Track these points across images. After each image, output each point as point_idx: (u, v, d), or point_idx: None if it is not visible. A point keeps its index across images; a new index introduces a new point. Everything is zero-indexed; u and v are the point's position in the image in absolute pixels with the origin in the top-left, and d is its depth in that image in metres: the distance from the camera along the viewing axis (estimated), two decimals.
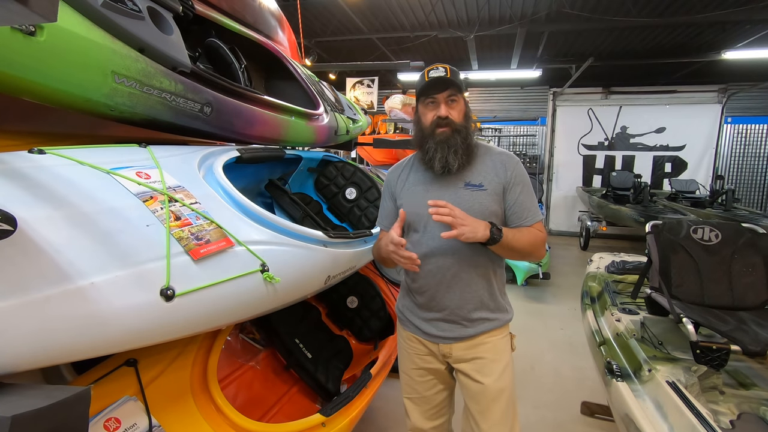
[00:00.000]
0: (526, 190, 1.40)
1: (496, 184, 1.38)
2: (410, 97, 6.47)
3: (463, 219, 1.23)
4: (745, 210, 5.86)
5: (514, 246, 1.32)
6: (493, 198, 1.38)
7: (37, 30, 0.89)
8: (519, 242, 1.33)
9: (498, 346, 1.43)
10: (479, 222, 1.26)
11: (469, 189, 1.38)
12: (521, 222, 1.39)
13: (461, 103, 1.39)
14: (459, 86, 1.36)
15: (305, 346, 2.07)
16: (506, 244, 1.30)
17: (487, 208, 1.36)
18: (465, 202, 1.35)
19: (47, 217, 0.78)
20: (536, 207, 1.41)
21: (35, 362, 0.71)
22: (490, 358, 1.41)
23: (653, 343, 1.90)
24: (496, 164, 1.41)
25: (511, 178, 1.39)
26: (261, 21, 2.16)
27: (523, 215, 1.39)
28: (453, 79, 1.34)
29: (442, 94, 1.35)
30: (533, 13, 5.94)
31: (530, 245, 1.36)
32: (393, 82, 9.72)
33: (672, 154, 8.49)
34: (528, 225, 1.38)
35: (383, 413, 2.59)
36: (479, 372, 1.41)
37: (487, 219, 1.32)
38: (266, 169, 2.12)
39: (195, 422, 1.17)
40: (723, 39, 6.64)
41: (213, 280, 0.97)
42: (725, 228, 2.07)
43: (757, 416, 1.51)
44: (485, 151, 1.44)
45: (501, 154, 1.44)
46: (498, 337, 1.43)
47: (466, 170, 1.40)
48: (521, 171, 1.42)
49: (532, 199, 1.41)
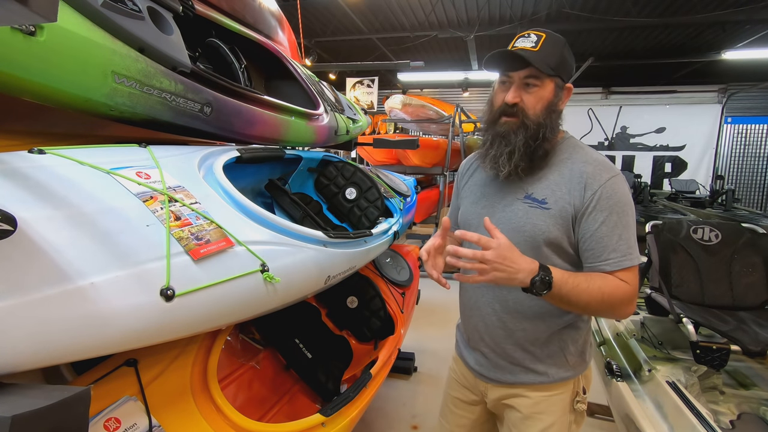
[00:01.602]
0: (613, 220, 1.00)
1: (565, 205, 1.03)
2: (410, 97, 6.47)
3: (500, 261, 0.90)
4: (745, 210, 5.86)
5: (572, 300, 0.97)
6: (557, 222, 1.03)
7: (37, 30, 0.89)
8: (581, 296, 0.96)
9: (542, 404, 1.14)
10: (522, 263, 0.92)
11: (528, 203, 1.06)
12: (596, 264, 1.01)
13: (545, 89, 1.04)
14: (549, 65, 1.01)
15: (305, 346, 2.07)
16: (559, 296, 0.96)
17: (542, 234, 1.04)
18: (517, 220, 1.06)
19: (47, 217, 0.78)
20: (628, 247, 1.00)
21: (35, 362, 0.71)
22: (525, 414, 1.15)
23: (653, 343, 1.90)
24: (573, 177, 1.04)
25: (590, 201, 1.01)
26: (261, 21, 2.16)
27: (600, 255, 1.00)
28: (539, 55, 1.00)
29: (519, 72, 1.03)
30: (533, 13, 5.94)
31: (600, 302, 0.97)
32: (393, 82, 9.72)
33: (672, 154, 8.50)
34: (608, 270, 1.00)
35: (383, 413, 2.59)
36: (514, 425, 1.18)
37: (539, 248, 1.04)
38: (266, 169, 2.11)
39: (195, 422, 1.17)
40: (723, 39, 6.64)
41: (213, 280, 0.97)
42: (725, 228, 2.07)
43: (757, 416, 1.51)
44: (568, 157, 1.08)
45: (586, 164, 1.04)
46: (545, 393, 1.14)
47: (535, 177, 1.08)
48: (611, 193, 1.00)
49: (623, 235, 1.00)
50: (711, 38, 6.68)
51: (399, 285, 2.68)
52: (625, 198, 1.02)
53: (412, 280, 2.84)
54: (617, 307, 1.01)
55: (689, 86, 8.32)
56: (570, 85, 1.09)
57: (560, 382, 1.15)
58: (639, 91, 8.60)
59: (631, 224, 1.02)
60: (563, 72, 1.05)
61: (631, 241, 1.01)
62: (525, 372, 1.15)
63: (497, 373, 1.18)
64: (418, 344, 3.48)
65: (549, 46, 1.02)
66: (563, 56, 1.05)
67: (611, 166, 1.06)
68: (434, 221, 6.16)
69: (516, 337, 1.13)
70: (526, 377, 1.14)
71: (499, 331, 1.15)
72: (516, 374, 1.15)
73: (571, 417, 1.17)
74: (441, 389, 1.41)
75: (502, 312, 1.13)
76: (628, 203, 1.03)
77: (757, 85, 8.05)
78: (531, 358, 1.14)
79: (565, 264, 1.07)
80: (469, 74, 8.30)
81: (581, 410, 1.18)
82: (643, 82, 8.69)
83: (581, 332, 1.16)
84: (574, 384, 1.16)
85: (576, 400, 1.17)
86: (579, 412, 1.18)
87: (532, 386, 1.15)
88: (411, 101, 6.27)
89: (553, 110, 1.06)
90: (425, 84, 9.88)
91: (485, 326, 1.17)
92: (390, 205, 2.36)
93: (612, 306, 1.00)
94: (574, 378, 1.16)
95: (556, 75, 1.04)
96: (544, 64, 1.01)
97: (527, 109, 1.04)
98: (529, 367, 1.14)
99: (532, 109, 1.04)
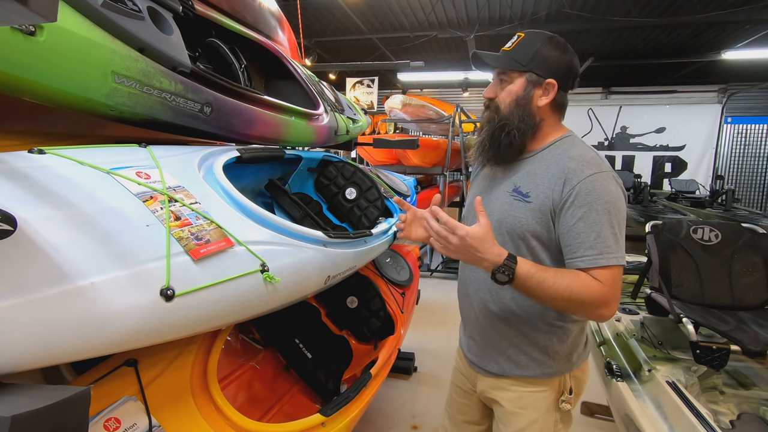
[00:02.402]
0: (591, 217, 0.98)
1: (544, 199, 1.04)
2: (410, 97, 6.47)
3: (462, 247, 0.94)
4: (745, 210, 5.86)
5: (538, 294, 0.97)
6: (536, 216, 1.05)
7: (37, 30, 0.89)
8: (547, 291, 0.96)
9: (524, 399, 1.15)
10: (488, 253, 0.94)
11: (513, 196, 1.10)
12: (572, 260, 1.00)
13: (515, 84, 1.09)
14: (518, 62, 1.07)
15: (305, 346, 2.07)
16: (524, 289, 0.97)
17: (521, 227, 1.06)
18: (501, 212, 1.10)
19: (47, 217, 0.78)
20: (606, 246, 0.97)
21: (35, 362, 0.71)
22: (509, 410, 1.16)
23: (653, 343, 1.90)
24: (556, 172, 1.05)
25: (568, 197, 1.00)
26: (261, 21, 2.16)
27: (575, 251, 0.99)
28: (508, 54, 1.07)
29: (496, 70, 1.13)
30: (533, 13, 5.94)
31: (567, 300, 0.96)
32: (393, 82, 9.72)
33: (672, 154, 8.51)
34: (581, 267, 0.98)
35: (383, 413, 2.59)
36: (500, 420, 1.20)
37: (520, 240, 1.07)
38: (266, 169, 2.11)
39: (195, 422, 1.17)
40: (723, 39, 6.65)
41: (213, 280, 0.97)
42: (725, 228, 2.07)
43: (757, 416, 1.51)
44: (560, 153, 1.09)
45: (571, 160, 1.04)
46: (529, 389, 1.15)
47: (523, 170, 1.11)
48: (591, 189, 0.99)
49: (601, 233, 0.98)
50: (711, 38, 6.68)
51: (399, 285, 2.69)
52: (607, 196, 0.99)
53: (412, 280, 2.84)
54: (588, 307, 0.98)
55: (689, 86, 8.32)
56: (551, 80, 1.08)
57: (544, 379, 1.14)
58: (639, 91, 8.60)
59: (614, 223, 1.00)
60: (538, 67, 1.07)
61: (609, 240, 0.98)
62: (508, 362, 1.16)
63: (484, 362, 1.21)
64: (418, 344, 3.48)
65: (524, 43, 1.08)
66: (539, 52, 1.07)
67: (598, 164, 1.04)
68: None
69: (500, 325, 1.15)
70: (509, 368, 1.16)
71: (485, 319, 1.18)
72: (500, 364, 1.17)
73: (556, 416, 1.16)
74: (441, 389, 1.42)
75: (489, 300, 1.16)
76: (610, 201, 1.00)
77: (757, 85, 8.05)
78: (514, 349, 1.15)
79: (547, 258, 1.08)
80: (469, 74, 8.30)
81: (566, 410, 1.17)
82: (643, 82, 8.69)
83: (568, 332, 1.14)
84: (560, 382, 1.16)
85: (561, 399, 1.16)
86: (564, 411, 1.17)
87: (516, 379, 1.16)
88: (411, 101, 6.27)
89: (522, 104, 1.09)
90: (425, 84, 9.88)
91: (474, 313, 1.20)
92: (390, 205, 2.36)
93: (582, 305, 0.97)
94: (559, 376, 1.15)
95: (526, 70, 1.08)
96: (508, 61, 1.08)
97: (500, 103, 1.11)
98: (511, 357, 1.16)
99: (502, 102, 1.11)
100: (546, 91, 1.09)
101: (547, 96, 1.09)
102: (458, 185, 6.97)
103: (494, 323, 1.17)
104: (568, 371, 1.17)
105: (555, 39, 1.10)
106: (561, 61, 1.09)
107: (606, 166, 1.05)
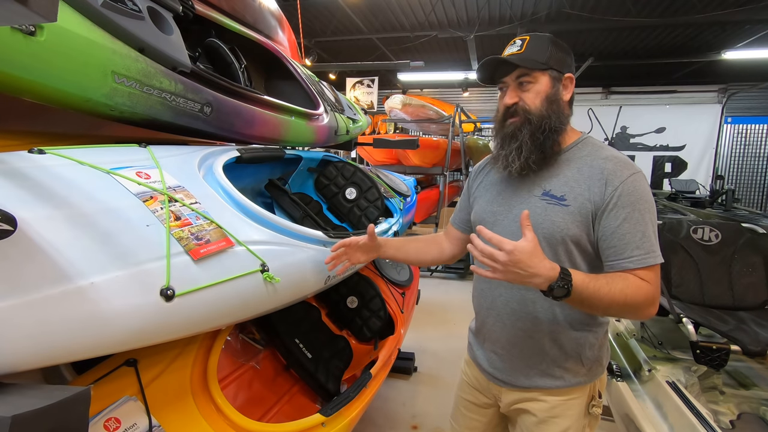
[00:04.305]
0: (635, 217, 0.98)
1: (584, 202, 1.01)
2: (410, 97, 6.47)
3: (512, 264, 0.88)
4: (745, 210, 5.85)
5: (593, 304, 0.95)
6: (576, 220, 1.02)
7: (37, 30, 0.89)
8: (603, 300, 0.93)
9: (558, 408, 1.12)
10: (541, 268, 0.89)
11: (546, 200, 1.05)
12: (618, 261, 0.98)
13: (541, 83, 1.06)
14: (537, 60, 1.04)
15: (305, 346, 2.06)
16: (580, 301, 0.94)
17: (561, 231, 1.02)
18: (535, 217, 1.03)
19: (47, 217, 0.78)
20: (651, 245, 0.98)
21: (35, 362, 0.71)
22: (541, 418, 1.13)
23: (653, 343, 1.90)
24: (593, 174, 1.02)
25: (611, 198, 0.99)
26: (261, 21, 2.16)
27: (622, 252, 0.98)
28: (525, 55, 1.04)
29: (510, 76, 1.08)
30: (533, 13, 5.94)
31: (623, 305, 0.95)
32: (393, 82, 9.71)
33: (672, 154, 8.50)
34: (630, 267, 0.97)
35: (383, 413, 2.59)
36: (528, 429, 1.16)
37: (558, 245, 1.03)
38: (266, 169, 2.12)
39: (195, 422, 1.17)
40: (723, 39, 6.65)
41: (213, 280, 0.97)
42: (725, 228, 2.07)
43: (757, 416, 1.51)
44: (588, 153, 1.07)
45: (607, 161, 1.03)
46: (562, 398, 1.12)
47: (552, 173, 1.07)
48: (632, 189, 0.99)
49: (645, 233, 0.98)
50: (711, 38, 6.68)
51: (399, 285, 2.69)
52: (646, 195, 1.00)
53: (412, 280, 2.84)
54: (640, 308, 0.98)
55: (689, 86, 8.31)
56: (570, 74, 1.09)
57: (576, 387, 1.13)
58: (639, 91, 8.60)
59: (653, 222, 1.01)
60: (556, 63, 1.07)
61: (653, 239, 0.99)
62: (541, 376, 1.13)
63: (512, 377, 1.16)
64: (418, 344, 3.48)
65: (533, 44, 1.06)
66: (552, 50, 1.07)
67: (632, 164, 1.04)
68: (434, 221, 6.15)
69: (533, 339, 1.11)
70: (542, 381, 1.12)
71: (516, 332, 1.13)
72: (531, 378, 1.13)
73: (585, 421, 1.15)
74: (441, 389, 1.40)
75: (521, 312, 1.11)
76: (649, 201, 1.01)
77: (757, 85, 8.04)
78: (548, 362, 1.11)
79: (583, 262, 1.06)
80: (469, 74, 8.29)
81: (596, 414, 1.17)
82: (643, 82, 8.69)
83: (598, 336, 1.14)
84: (590, 388, 1.15)
85: (591, 404, 1.15)
86: (594, 416, 1.17)
87: (548, 390, 1.13)
88: (411, 101, 6.27)
89: (553, 101, 1.07)
90: (425, 84, 9.88)
91: (502, 326, 1.15)
92: (390, 205, 2.36)
93: (635, 308, 0.97)
94: (590, 383, 1.15)
95: (548, 68, 1.06)
96: (530, 60, 1.05)
97: (527, 105, 1.06)
98: (545, 371, 1.12)
99: (532, 104, 1.06)
100: (566, 87, 1.09)
101: (568, 91, 1.09)
102: (458, 185, 6.97)
103: (527, 336, 1.12)
104: (599, 376, 1.16)
105: (555, 38, 1.12)
106: (568, 58, 1.11)
107: (637, 166, 1.05)
